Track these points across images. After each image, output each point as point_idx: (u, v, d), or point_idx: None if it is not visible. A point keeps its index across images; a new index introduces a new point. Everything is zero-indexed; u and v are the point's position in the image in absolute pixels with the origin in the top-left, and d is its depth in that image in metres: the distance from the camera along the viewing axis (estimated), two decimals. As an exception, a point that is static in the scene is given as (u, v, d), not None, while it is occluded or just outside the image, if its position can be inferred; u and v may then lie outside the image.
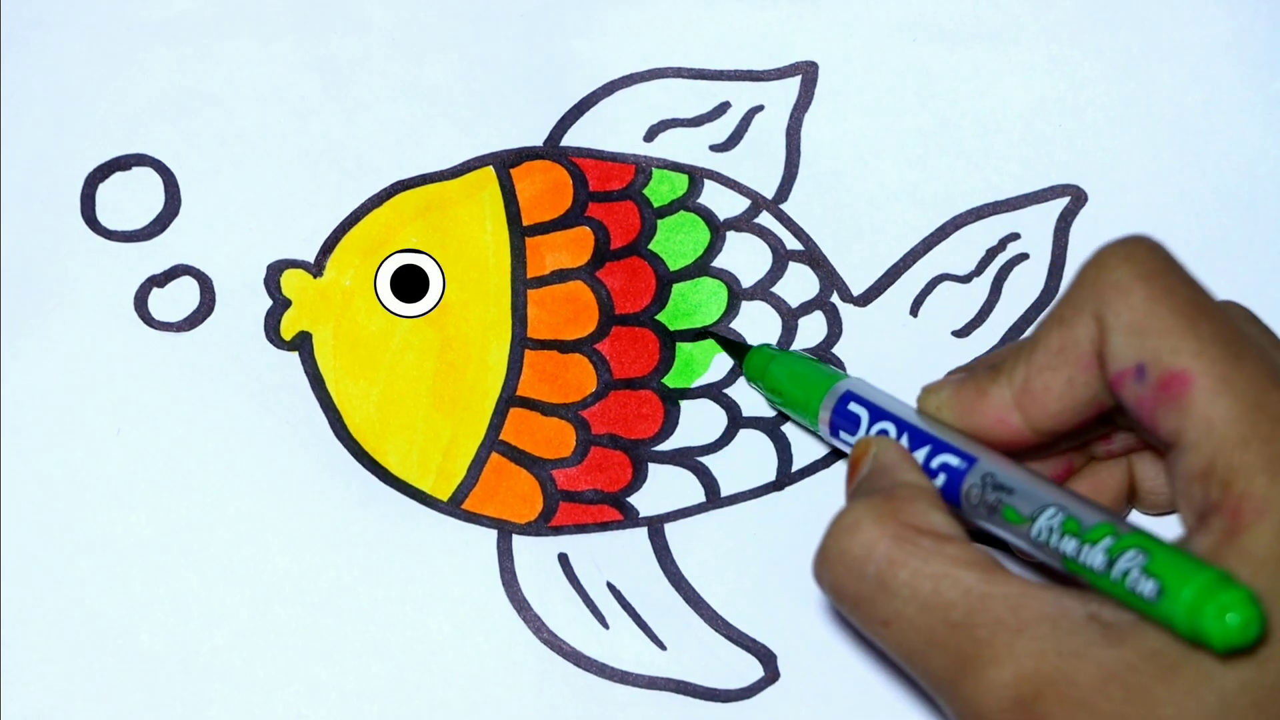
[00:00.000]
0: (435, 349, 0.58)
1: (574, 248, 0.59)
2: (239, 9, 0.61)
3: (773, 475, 0.58)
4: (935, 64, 0.61)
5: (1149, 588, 0.41)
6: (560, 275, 0.59)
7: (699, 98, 0.61)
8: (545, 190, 0.60)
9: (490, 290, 0.59)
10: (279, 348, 0.58)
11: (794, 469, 0.58)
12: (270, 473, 0.57)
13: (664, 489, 0.58)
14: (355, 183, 0.60)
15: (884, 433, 0.50)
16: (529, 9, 0.61)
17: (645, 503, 0.57)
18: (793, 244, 0.60)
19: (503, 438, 0.58)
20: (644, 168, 0.60)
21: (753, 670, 0.56)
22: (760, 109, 0.61)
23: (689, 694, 0.56)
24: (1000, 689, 0.43)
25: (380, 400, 0.58)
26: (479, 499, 0.57)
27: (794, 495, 0.58)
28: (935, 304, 0.59)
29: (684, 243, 0.60)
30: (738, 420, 0.58)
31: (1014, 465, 0.47)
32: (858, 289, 0.59)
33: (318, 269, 0.59)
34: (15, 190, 0.59)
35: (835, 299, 0.59)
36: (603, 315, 0.59)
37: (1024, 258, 0.60)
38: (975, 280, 0.60)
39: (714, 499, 0.58)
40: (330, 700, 0.55)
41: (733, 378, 0.59)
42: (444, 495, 0.57)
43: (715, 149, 0.60)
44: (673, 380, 0.58)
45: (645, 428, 0.58)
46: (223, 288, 0.59)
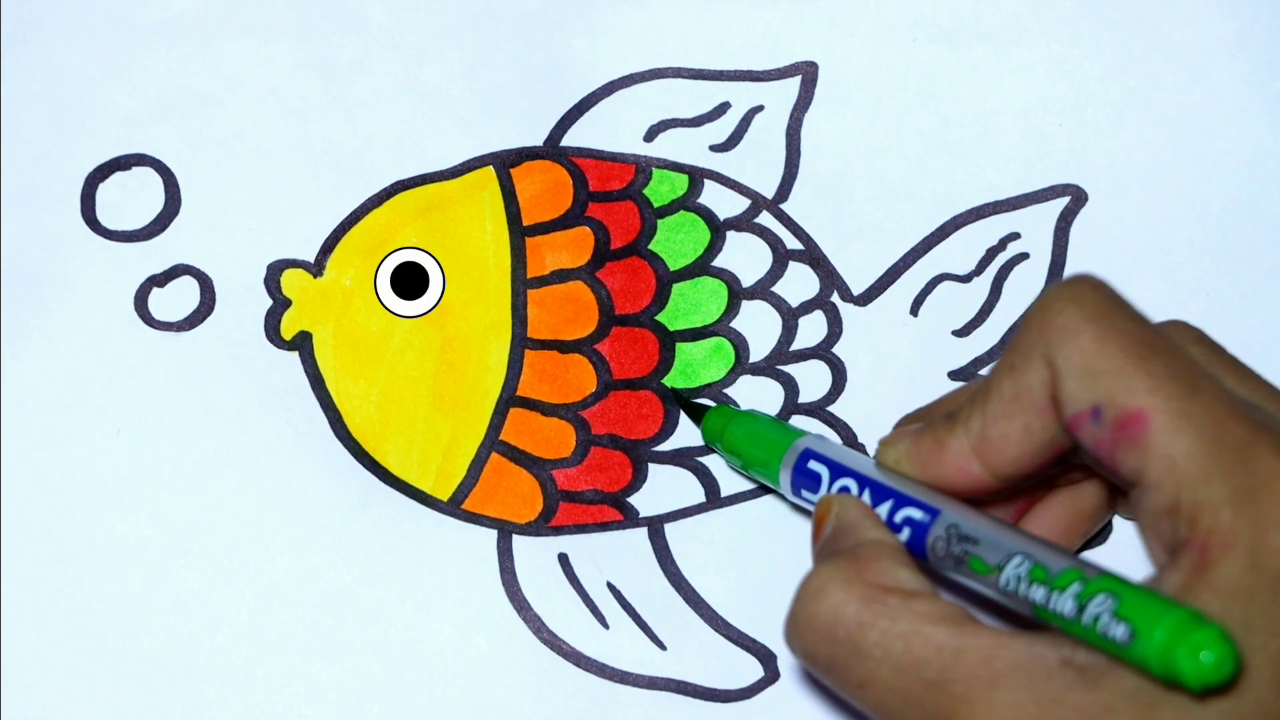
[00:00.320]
0: (435, 349, 0.58)
1: (574, 248, 0.59)
2: (239, 9, 0.61)
3: (773, 475, 0.58)
4: (935, 64, 0.61)
5: (1120, 632, 0.41)
6: (560, 275, 0.59)
7: (699, 98, 0.61)
8: (545, 190, 0.60)
9: (490, 290, 0.59)
10: (279, 348, 0.58)
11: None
12: (270, 473, 0.57)
13: (664, 489, 0.58)
14: (355, 183, 0.60)
15: (845, 490, 0.50)
16: (529, 9, 0.61)
17: (645, 503, 0.57)
18: (793, 244, 0.60)
19: (503, 438, 0.58)
20: (644, 168, 0.60)
21: (753, 670, 0.56)
22: (760, 109, 0.61)
23: (689, 694, 0.56)
24: None
25: (380, 400, 0.58)
26: (479, 499, 0.57)
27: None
28: (935, 303, 0.59)
29: (684, 242, 0.60)
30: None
31: (978, 514, 0.47)
32: (858, 288, 0.59)
33: (318, 269, 0.59)
34: (15, 190, 0.59)
35: (835, 298, 0.59)
36: (603, 315, 0.59)
37: (1024, 257, 0.60)
38: (975, 280, 0.60)
39: (714, 499, 0.58)
40: (330, 700, 0.55)
41: (733, 378, 0.59)
42: (444, 495, 0.57)
43: (715, 149, 0.60)
44: (673, 380, 0.58)
45: (645, 428, 0.58)
46: (223, 288, 0.59)
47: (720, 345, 0.59)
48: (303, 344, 0.58)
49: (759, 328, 0.59)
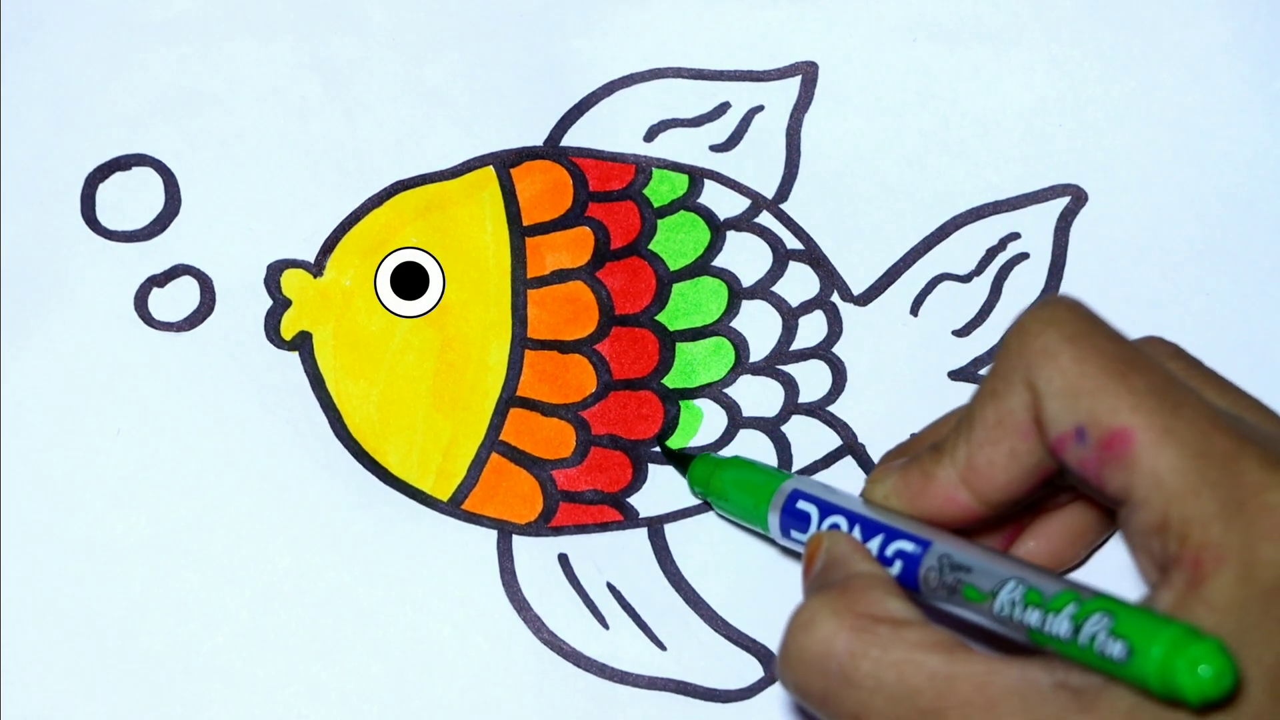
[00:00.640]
0: (435, 349, 0.58)
1: (574, 248, 0.59)
2: (239, 9, 0.61)
3: (773, 475, 0.58)
4: (935, 64, 0.61)
5: (1118, 649, 0.41)
6: (560, 275, 0.59)
7: (699, 98, 0.61)
8: (545, 190, 0.60)
9: (490, 290, 0.59)
10: (279, 348, 0.58)
11: (794, 469, 0.58)
12: (270, 473, 0.57)
13: (664, 489, 0.58)
14: (355, 183, 0.60)
15: (835, 526, 0.50)
16: (529, 9, 0.61)
17: (645, 503, 0.57)
18: (793, 243, 0.60)
19: (503, 438, 0.58)
20: (644, 168, 0.60)
21: (753, 670, 0.56)
22: (760, 109, 0.61)
23: (689, 694, 0.56)
24: None
25: (380, 400, 0.58)
26: (479, 499, 0.57)
27: (794, 495, 0.58)
28: (936, 303, 0.59)
29: (684, 242, 0.60)
30: (738, 420, 0.58)
31: (968, 544, 0.47)
32: (858, 288, 0.59)
33: (318, 269, 0.59)
34: (15, 190, 0.59)
35: (836, 298, 0.59)
36: (603, 315, 0.59)
37: (1024, 257, 0.60)
38: (975, 280, 0.60)
39: (714, 499, 0.58)
40: (330, 700, 0.55)
41: (733, 378, 0.59)
42: (444, 495, 0.57)
43: (715, 149, 0.60)
44: (673, 380, 0.58)
45: (645, 428, 0.58)
46: (223, 288, 0.59)
47: (720, 345, 0.59)
48: (303, 344, 0.58)
49: (759, 327, 0.59)
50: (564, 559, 0.57)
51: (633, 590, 0.57)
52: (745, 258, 0.59)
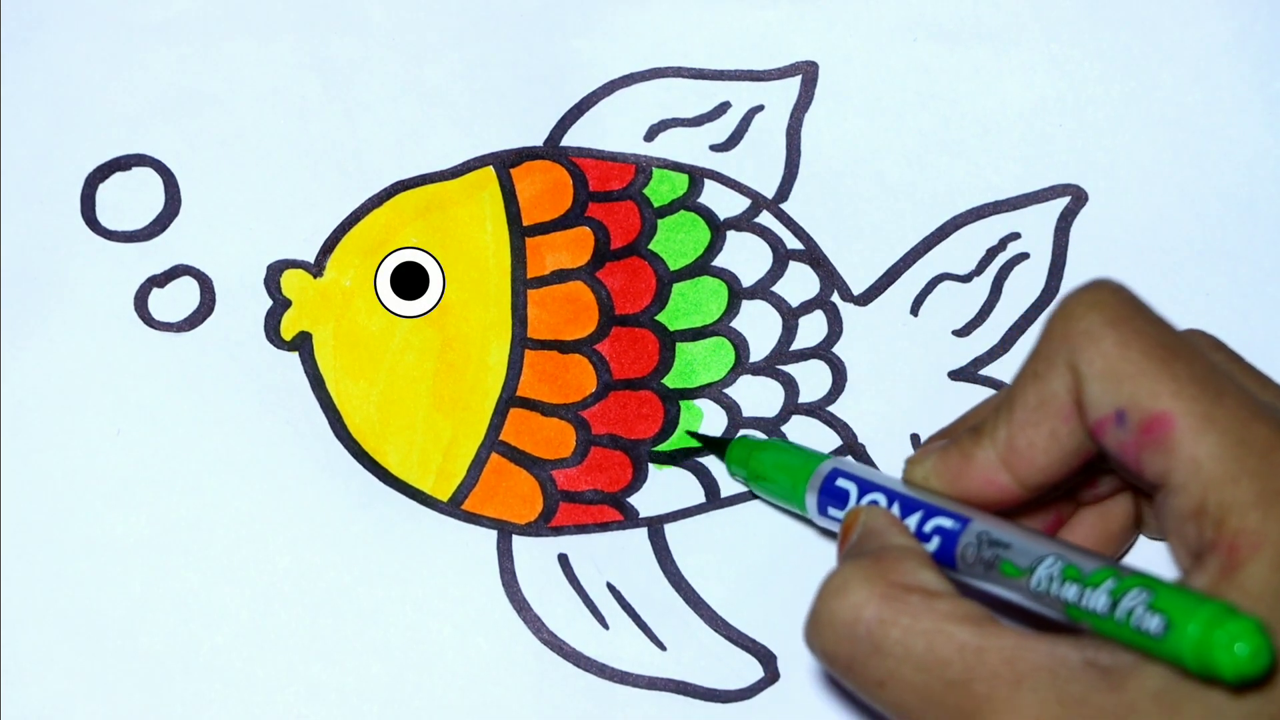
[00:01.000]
0: (435, 349, 0.58)
1: (574, 248, 0.59)
2: (239, 9, 0.61)
3: (773, 475, 0.58)
4: (935, 64, 0.61)
5: (1155, 624, 0.41)
6: (560, 275, 0.59)
7: (699, 98, 0.61)
8: (545, 190, 0.60)
9: (490, 290, 0.59)
10: (279, 348, 0.58)
11: (794, 469, 0.58)
12: (270, 473, 0.57)
13: (664, 489, 0.58)
14: (355, 183, 0.60)
15: (875, 502, 0.50)
16: (529, 9, 0.61)
17: (645, 503, 0.57)
18: (793, 243, 0.60)
19: (503, 438, 0.58)
20: (644, 167, 0.60)
21: (753, 670, 0.56)
22: (760, 109, 0.61)
23: (689, 694, 0.56)
24: None
25: (380, 400, 0.58)
26: (479, 499, 0.57)
27: (794, 495, 0.58)
28: (936, 303, 0.59)
29: (684, 242, 0.60)
30: (738, 420, 0.58)
31: (1007, 523, 0.47)
32: (858, 288, 0.59)
33: (318, 269, 0.59)
34: (15, 190, 0.59)
35: (836, 298, 0.59)
36: (603, 315, 0.59)
37: (1024, 257, 0.60)
38: (976, 280, 0.60)
39: (714, 499, 0.58)
40: (330, 700, 0.55)
41: (733, 378, 0.59)
42: (444, 495, 0.57)
43: (715, 149, 0.60)
44: (673, 380, 0.58)
45: (645, 428, 0.58)
46: (223, 288, 0.59)
47: (720, 345, 0.59)
48: (303, 344, 0.58)
49: (759, 327, 0.59)
50: (564, 559, 0.57)
51: (633, 590, 0.57)
52: (745, 258, 0.59)
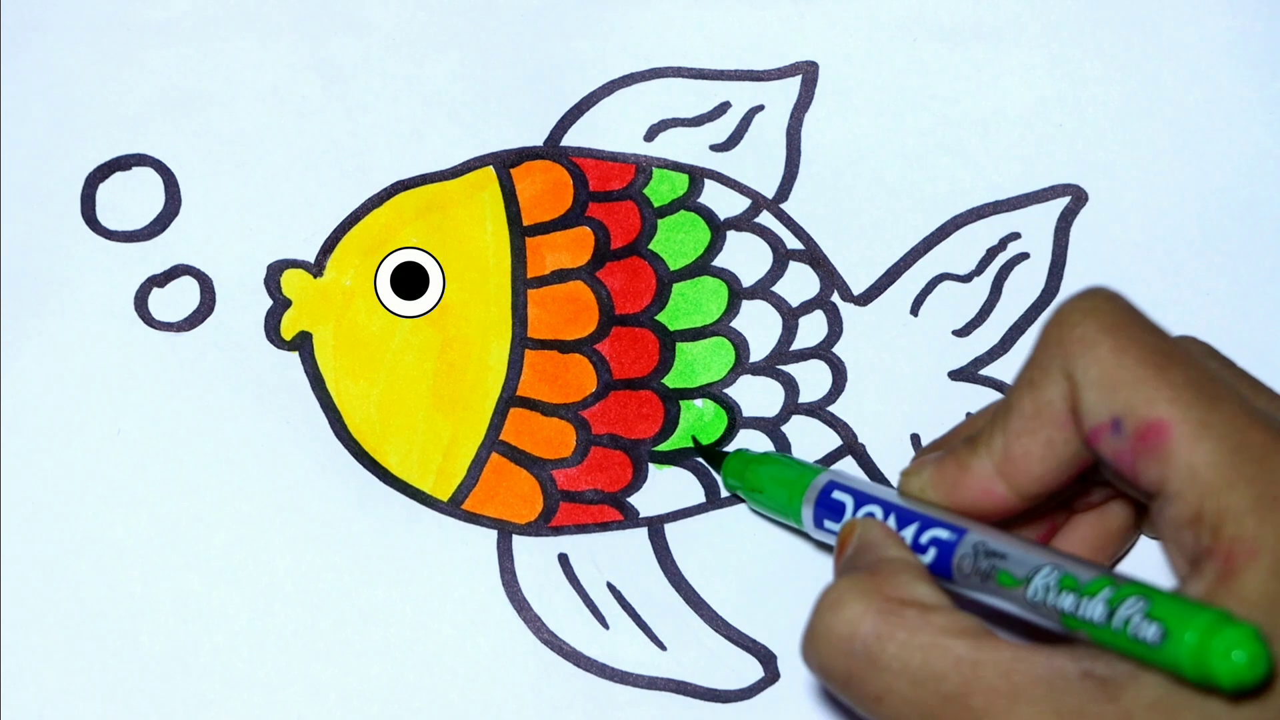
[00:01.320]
0: (435, 349, 0.58)
1: (574, 248, 0.59)
2: (239, 9, 0.61)
3: (773, 475, 0.58)
4: (935, 63, 0.61)
5: (1152, 632, 0.41)
6: (560, 275, 0.59)
7: (699, 97, 0.61)
8: (545, 190, 0.60)
9: (490, 290, 0.59)
10: (279, 348, 0.58)
11: (794, 469, 0.58)
12: (270, 473, 0.57)
13: (664, 489, 0.58)
14: (355, 183, 0.60)
15: (870, 515, 0.50)
16: (529, 9, 0.61)
17: (645, 503, 0.57)
18: (793, 243, 0.60)
19: (503, 438, 0.58)
20: (644, 167, 0.60)
21: (753, 670, 0.56)
22: (760, 109, 0.61)
23: (689, 694, 0.56)
24: None
25: (380, 400, 0.58)
26: (479, 499, 0.57)
27: (794, 495, 0.58)
28: (936, 303, 0.59)
29: (684, 242, 0.60)
30: (738, 420, 0.58)
31: (1003, 533, 0.47)
32: (858, 288, 0.59)
33: (318, 269, 0.59)
34: (15, 190, 0.59)
35: (836, 298, 0.59)
36: (603, 315, 0.59)
37: (1024, 257, 0.60)
38: (976, 280, 0.60)
39: (714, 499, 0.58)
40: (330, 700, 0.55)
41: (733, 378, 0.59)
42: (444, 495, 0.57)
43: (715, 149, 0.60)
44: (673, 380, 0.58)
45: (645, 428, 0.58)
46: (223, 288, 0.59)
47: (720, 345, 0.59)
48: (303, 344, 0.58)
49: (759, 327, 0.59)
50: (564, 559, 0.57)
51: (633, 590, 0.57)
52: (745, 257, 0.59)
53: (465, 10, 0.61)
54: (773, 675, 0.56)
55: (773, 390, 0.59)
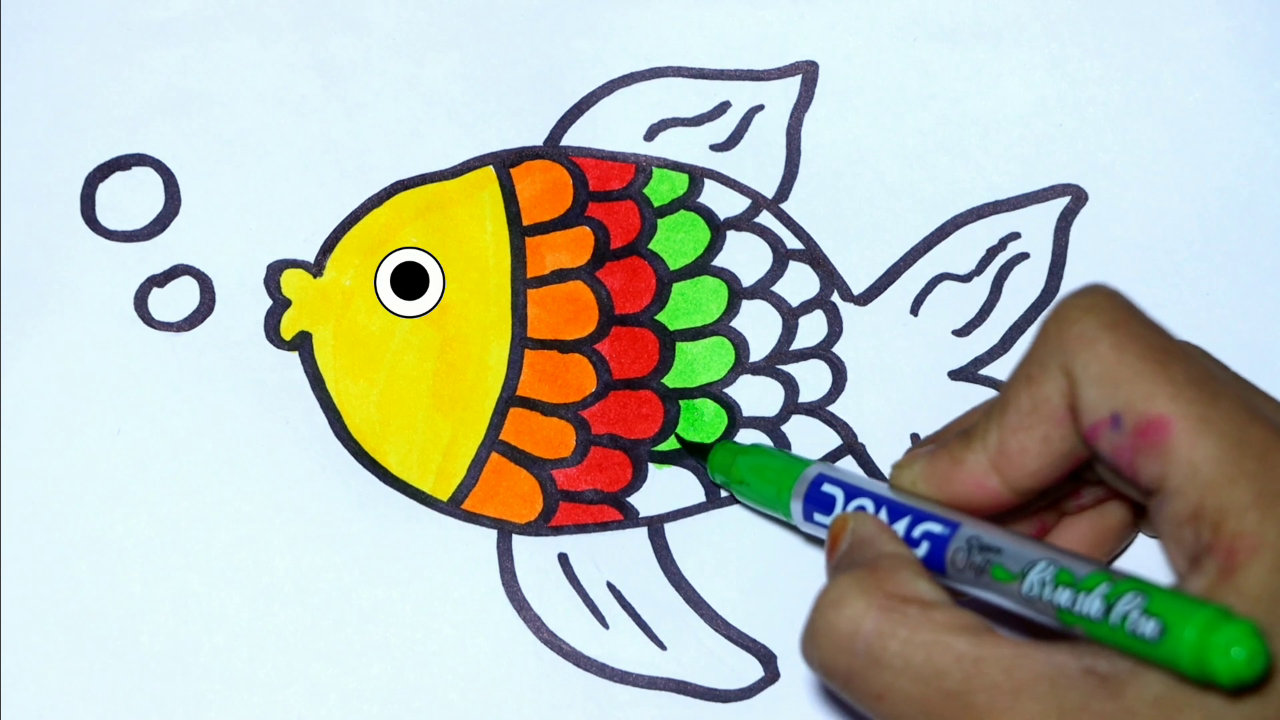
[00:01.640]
0: (435, 349, 0.58)
1: (574, 247, 0.59)
2: (239, 9, 0.61)
3: (773, 475, 0.58)
4: (935, 63, 0.61)
5: (1150, 628, 0.41)
6: (560, 275, 0.59)
7: (699, 97, 0.61)
8: (545, 190, 0.60)
9: (490, 290, 0.59)
10: (279, 348, 0.58)
11: (794, 469, 0.58)
12: (270, 473, 0.57)
13: (664, 489, 0.58)
14: (355, 183, 0.60)
15: (862, 508, 0.49)
16: (529, 9, 0.61)
17: (645, 503, 0.57)
18: (793, 243, 0.60)
19: (503, 438, 0.58)
20: (644, 167, 0.60)
21: (753, 670, 0.56)
22: (760, 108, 0.61)
23: (689, 694, 0.56)
24: None
25: (380, 400, 0.58)
26: (479, 499, 0.57)
27: (794, 495, 0.58)
28: (936, 303, 0.59)
29: (684, 242, 0.60)
30: (738, 420, 0.58)
31: (997, 527, 0.47)
32: (858, 288, 0.59)
33: (318, 269, 0.59)
34: (15, 190, 0.59)
35: (836, 298, 0.59)
36: (603, 315, 0.59)
37: (1024, 257, 0.60)
38: (976, 279, 0.60)
39: (714, 499, 0.58)
40: (330, 700, 0.55)
41: (733, 377, 0.59)
42: (444, 495, 0.57)
43: (715, 148, 0.60)
44: (673, 380, 0.58)
45: (645, 428, 0.58)
46: (223, 288, 0.59)
47: (720, 344, 0.59)
48: (303, 344, 0.58)
49: (759, 327, 0.59)
50: (564, 559, 0.57)
51: (633, 590, 0.57)
52: (745, 257, 0.59)
53: (465, 10, 0.61)
54: (773, 675, 0.56)
55: (773, 390, 0.59)
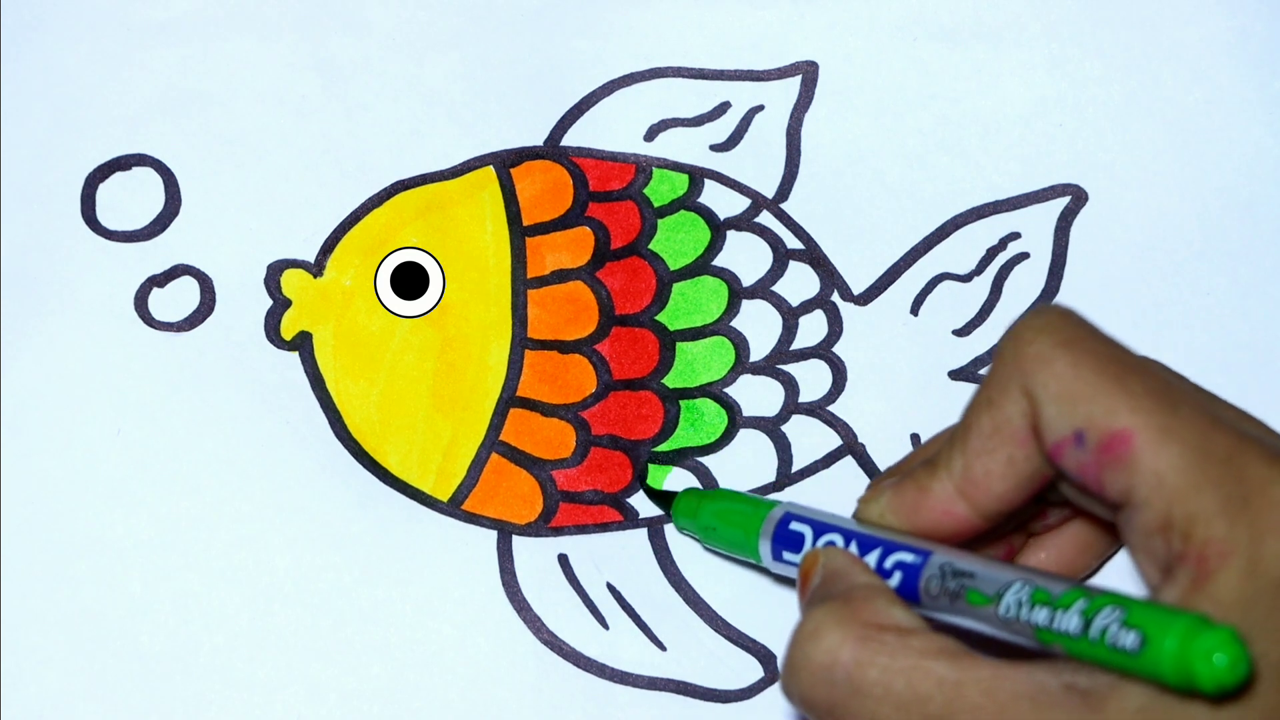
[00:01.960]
0: (435, 349, 0.58)
1: (574, 248, 0.59)
2: (239, 9, 0.61)
3: (773, 475, 0.58)
4: (935, 64, 0.61)
5: (1131, 640, 0.41)
6: (560, 275, 0.59)
7: (699, 97, 0.61)
8: (545, 190, 0.60)
9: (490, 290, 0.59)
10: (279, 348, 0.58)
11: (794, 469, 0.58)
12: (270, 473, 0.57)
13: (664, 489, 0.58)
14: (355, 183, 0.60)
15: (831, 543, 0.49)
16: (529, 9, 0.61)
17: (645, 503, 0.57)
18: (793, 243, 0.60)
19: (503, 438, 0.58)
20: (644, 167, 0.60)
21: (753, 670, 0.56)
22: (760, 109, 0.61)
23: (689, 694, 0.56)
24: None
25: (380, 400, 0.58)
26: (479, 499, 0.57)
27: (794, 495, 0.58)
28: (936, 303, 0.59)
29: (684, 242, 0.60)
30: (738, 420, 0.58)
31: (968, 553, 0.47)
32: (858, 288, 0.59)
33: (318, 269, 0.59)
34: (15, 190, 0.59)
35: (836, 298, 0.59)
36: (603, 315, 0.59)
37: (1024, 257, 0.60)
38: (976, 279, 0.60)
39: (714, 499, 0.58)
40: (330, 700, 0.55)
41: (733, 377, 0.59)
42: (444, 496, 0.57)
43: (716, 149, 0.60)
44: (673, 380, 0.58)
45: (645, 428, 0.58)
46: (223, 288, 0.59)
47: (720, 344, 0.59)
48: (303, 344, 0.58)
49: (759, 327, 0.59)
50: (564, 559, 0.57)
51: (633, 590, 0.57)
52: (745, 257, 0.60)
53: (465, 10, 0.61)
54: (773, 675, 0.56)
55: (773, 390, 0.59)
